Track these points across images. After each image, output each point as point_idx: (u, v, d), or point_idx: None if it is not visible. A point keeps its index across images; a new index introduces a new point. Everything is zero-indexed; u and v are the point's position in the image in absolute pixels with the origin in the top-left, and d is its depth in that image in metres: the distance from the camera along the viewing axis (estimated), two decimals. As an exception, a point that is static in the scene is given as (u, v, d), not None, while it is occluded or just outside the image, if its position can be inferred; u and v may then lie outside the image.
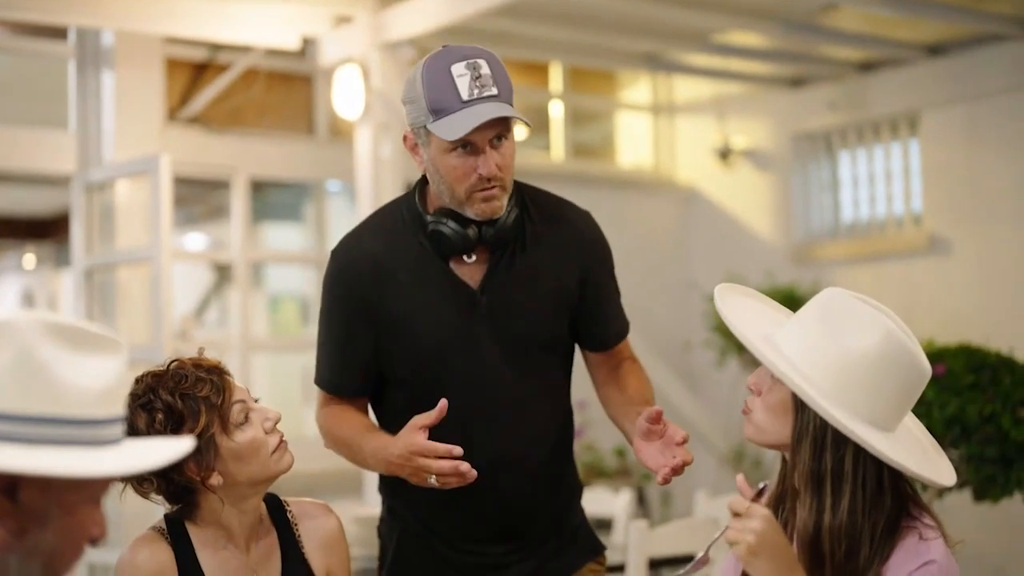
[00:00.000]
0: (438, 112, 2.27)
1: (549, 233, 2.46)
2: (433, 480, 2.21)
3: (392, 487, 2.53)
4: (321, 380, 2.52)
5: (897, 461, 1.84)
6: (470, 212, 2.35)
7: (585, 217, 2.55)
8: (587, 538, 2.59)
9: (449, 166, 2.32)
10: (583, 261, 2.48)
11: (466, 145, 2.29)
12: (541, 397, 2.47)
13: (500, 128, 2.31)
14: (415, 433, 2.23)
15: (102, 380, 1.33)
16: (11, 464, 1.24)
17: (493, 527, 2.45)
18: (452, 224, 2.36)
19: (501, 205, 2.35)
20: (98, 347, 1.35)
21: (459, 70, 2.27)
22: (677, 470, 2.20)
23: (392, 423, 2.39)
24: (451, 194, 2.35)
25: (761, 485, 1.86)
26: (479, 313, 2.40)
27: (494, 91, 2.27)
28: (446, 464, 2.20)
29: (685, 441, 2.23)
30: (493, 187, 2.32)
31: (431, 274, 2.40)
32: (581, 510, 2.61)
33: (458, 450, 2.20)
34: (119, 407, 1.37)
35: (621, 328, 2.58)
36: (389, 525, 2.56)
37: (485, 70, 2.28)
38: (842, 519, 1.87)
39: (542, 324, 2.44)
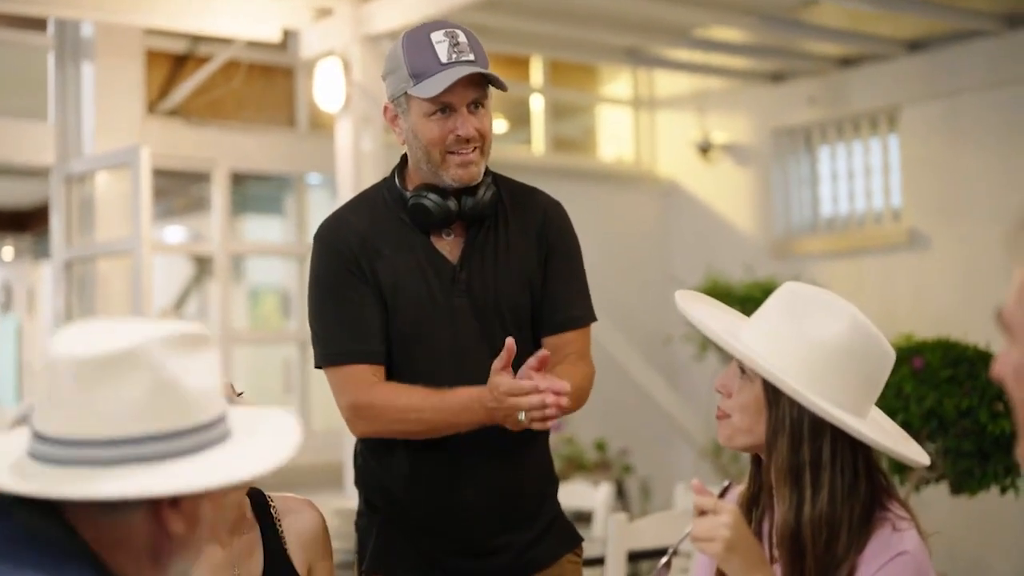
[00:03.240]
0: (418, 76, 2.35)
1: (519, 214, 2.51)
2: (523, 416, 2.22)
3: (368, 480, 2.54)
4: (344, 353, 2.41)
5: (878, 441, 1.86)
6: (447, 178, 2.40)
7: (554, 204, 2.58)
8: (564, 529, 2.60)
9: (428, 129, 2.38)
10: (547, 243, 2.51)
11: (445, 109, 2.37)
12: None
13: (478, 93, 2.38)
14: (498, 376, 2.24)
15: (211, 377, 1.36)
16: (187, 485, 1.29)
17: (468, 513, 2.46)
18: (433, 196, 2.42)
19: (478, 171, 2.41)
20: (198, 345, 1.36)
21: (438, 37, 2.37)
22: (549, 405, 2.20)
23: None
24: (428, 159, 2.41)
25: (725, 483, 1.87)
26: (458, 287, 2.44)
27: (471, 57, 2.36)
28: (534, 399, 2.20)
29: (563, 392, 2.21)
30: (471, 151, 2.39)
31: (413, 248, 2.45)
32: (557, 502, 2.62)
33: (543, 383, 2.20)
34: (224, 399, 1.39)
35: (571, 318, 2.51)
36: (368, 519, 2.56)
37: (462, 39, 2.38)
38: (822, 508, 1.87)
39: (514, 299, 2.47)
